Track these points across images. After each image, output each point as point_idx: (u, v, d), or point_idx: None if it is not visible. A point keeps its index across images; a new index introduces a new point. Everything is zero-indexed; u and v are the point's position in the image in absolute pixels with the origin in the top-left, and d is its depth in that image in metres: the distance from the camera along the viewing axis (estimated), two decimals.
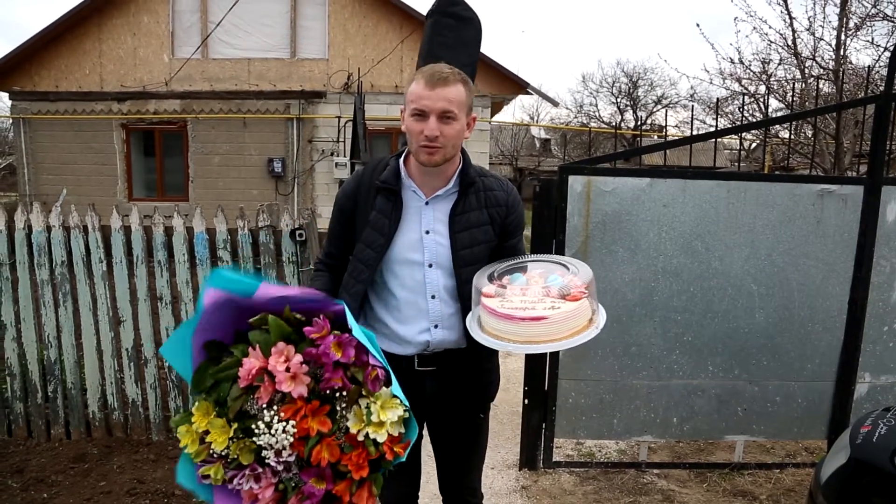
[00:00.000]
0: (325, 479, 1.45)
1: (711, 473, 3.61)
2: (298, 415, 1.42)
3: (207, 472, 1.49)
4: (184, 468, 1.57)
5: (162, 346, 1.51)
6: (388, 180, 1.86)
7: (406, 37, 11.51)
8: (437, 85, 1.73)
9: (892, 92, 3.38)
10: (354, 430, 1.44)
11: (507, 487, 3.43)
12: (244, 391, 1.45)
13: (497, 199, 1.92)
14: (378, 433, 1.43)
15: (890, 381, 3.60)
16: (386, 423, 1.44)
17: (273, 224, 3.51)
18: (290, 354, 1.44)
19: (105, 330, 3.65)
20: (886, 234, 3.43)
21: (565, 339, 1.55)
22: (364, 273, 1.88)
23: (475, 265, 1.86)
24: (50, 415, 3.74)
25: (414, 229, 1.87)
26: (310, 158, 11.92)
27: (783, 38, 7.98)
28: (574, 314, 1.56)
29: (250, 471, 1.47)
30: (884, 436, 2.11)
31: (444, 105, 1.73)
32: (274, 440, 1.41)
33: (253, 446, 1.45)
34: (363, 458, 1.44)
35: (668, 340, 3.47)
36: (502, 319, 1.55)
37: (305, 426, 1.41)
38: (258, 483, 1.47)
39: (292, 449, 1.43)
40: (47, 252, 3.58)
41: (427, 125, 1.73)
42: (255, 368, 1.44)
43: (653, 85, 27.66)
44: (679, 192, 3.37)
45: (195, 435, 1.49)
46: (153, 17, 11.75)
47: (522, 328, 1.53)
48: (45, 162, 11.82)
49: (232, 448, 1.46)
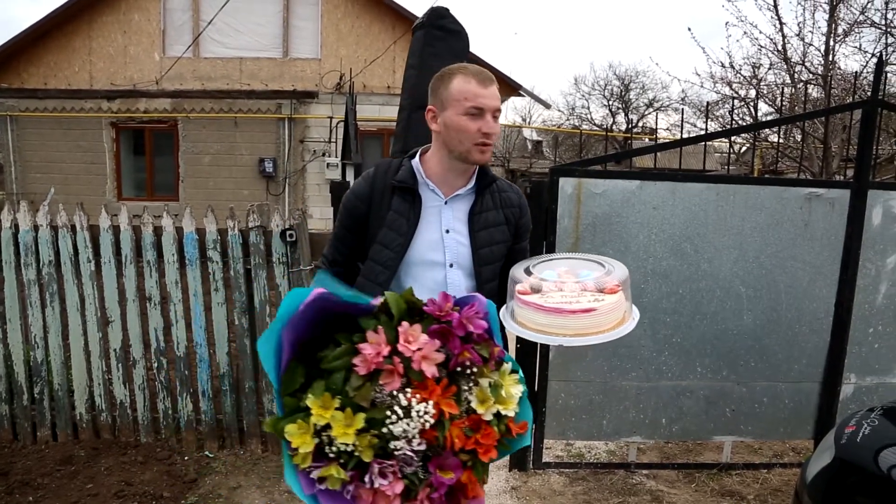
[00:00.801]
0: (450, 468, 1.36)
1: (700, 474, 3.63)
2: (433, 395, 1.33)
3: (328, 472, 1.31)
4: (290, 476, 1.37)
5: (259, 340, 1.37)
6: (406, 180, 1.85)
7: (399, 37, 11.51)
8: (489, 84, 1.77)
9: (878, 97, 3.42)
10: (480, 409, 1.39)
11: (498, 488, 3.43)
12: (366, 378, 1.33)
13: (511, 200, 1.95)
14: (507, 408, 1.41)
15: (875, 382, 3.63)
16: (513, 398, 1.42)
17: (263, 224, 3.50)
18: (417, 334, 1.36)
19: (93, 330, 3.62)
20: (872, 237, 3.47)
21: (608, 330, 1.58)
22: (382, 275, 1.84)
23: (494, 264, 1.87)
24: (36, 416, 3.71)
25: (433, 229, 1.85)
26: (301, 159, 11.89)
27: (773, 44, 8.05)
28: (615, 306, 1.59)
29: (377, 464, 1.31)
30: (868, 436, 2.13)
31: (497, 103, 1.78)
32: (412, 426, 1.30)
33: (375, 441, 1.31)
34: (492, 437, 1.38)
35: (658, 342, 3.48)
36: (550, 314, 1.56)
37: (438, 408, 1.33)
38: (385, 479, 1.32)
39: (422, 437, 1.32)
40: (34, 252, 3.56)
41: (486, 122, 1.75)
42: (385, 351, 1.33)
43: (644, 88, 27.78)
44: (669, 195, 3.39)
45: (311, 430, 1.31)
46: (144, 15, 11.70)
47: (571, 321, 1.55)
48: (33, 160, 11.74)
49: (359, 442, 1.30)
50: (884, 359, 3.62)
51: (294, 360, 1.39)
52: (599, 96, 29.02)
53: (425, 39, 3.37)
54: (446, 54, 3.22)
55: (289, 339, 1.37)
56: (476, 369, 1.40)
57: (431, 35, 3.36)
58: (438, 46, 3.33)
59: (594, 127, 26.91)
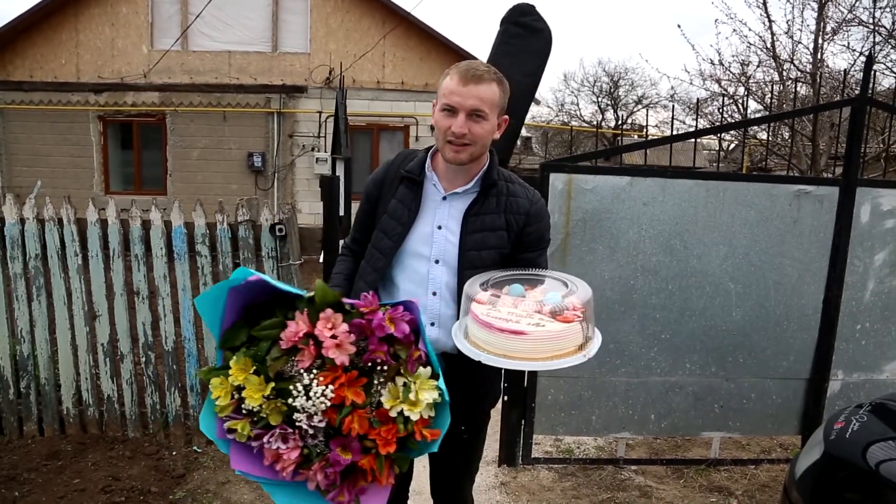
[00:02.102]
0: (350, 451, 1.47)
1: (688, 469, 3.65)
2: (337, 382, 1.44)
3: (235, 426, 1.50)
4: (206, 419, 1.59)
5: (197, 297, 1.55)
6: (413, 170, 1.85)
7: (388, 32, 11.46)
8: (470, 82, 1.70)
9: (867, 95, 3.44)
10: (388, 405, 1.46)
11: (487, 484, 3.43)
12: (285, 353, 1.48)
13: (519, 206, 1.85)
14: (412, 411, 1.45)
15: (862, 378, 3.66)
16: (421, 402, 1.46)
17: (253, 219, 3.48)
18: (338, 323, 1.46)
19: (80, 325, 3.59)
20: (860, 234, 3.49)
21: (544, 360, 1.47)
22: (381, 261, 1.86)
23: (482, 268, 1.79)
24: (22, 411, 3.68)
25: (428, 223, 1.85)
26: (290, 153, 11.83)
27: (762, 41, 8.10)
28: (559, 336, 1.48)
29: (280, 430, 1.48)
30: (856, 432, 2.14)
31: (475, 103, 1.71)
32: (310, 403, 1.44)
33: (284, 408, 1.46)
34: (392, 433, 1.46)
35: (647, 338, 3.49)
36: (482, 327, 1.50)
37: (341, 394, 1.44)
38: (285, 444, 1.48)
39: (324, 416, 1.45)
40: (21, 245, 3.52)
41: (455, 122, 1.71)
42: (302, 332, 1.46)
43: (634, 85, 27.81)
44: (659, 191, 3.40)
45: (230, 388, 1.50)
46: (132, 8, 11.58)
47: (500, 340, 1.47)
48: (19, 153, 11.60)
49: (265, 406, 1.47)
50: (871, 355, 3.65)
51: (242, 320, 1.56)
52: (589, 93, 29.04)
53: (502, 37, 3.21)
54: (523, 54, 3.10)
55: (237, 301, 1.55)
56: (387, 367, 1.48)
57: (509, 32, 3.18)
58: (514, 45, 3.15)
59: (584, 123, 26.96)
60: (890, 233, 3.53)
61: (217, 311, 1.56)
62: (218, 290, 1.54)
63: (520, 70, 3.06)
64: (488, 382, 2.00)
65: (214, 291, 1.54)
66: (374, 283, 1.87)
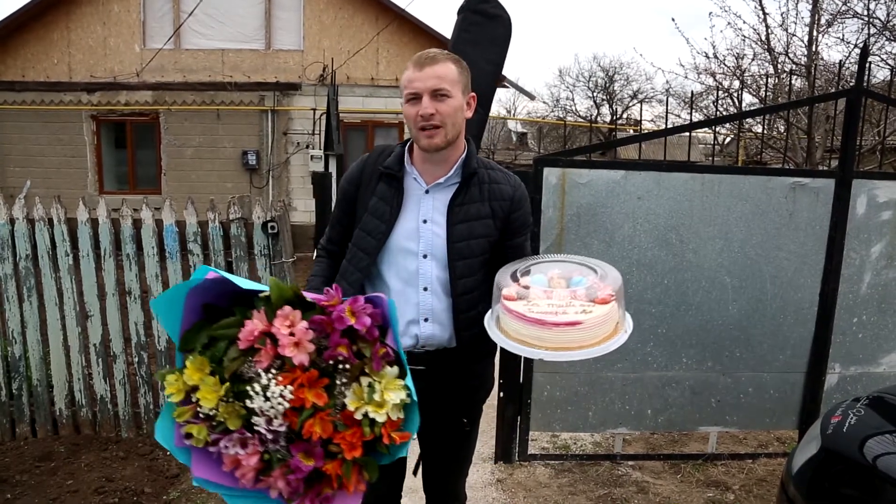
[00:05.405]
0: (314, 456, 1.37)
1: (685, 464, 3.64)
2: (296, 383, 1.35)
3: (191, 430, 1.42)
4: (163, 427, 1.50)
5: (153, 299, 1.47)
6: (392, 166, 1.83)
7: (382, 29, 11.41)
8: (426, 65, 1.71)
9: (862, 87, 3.42)
10: (352, 407, 1.37)
11: (483, 480, 3.42)
12: (242, 353, 1.40)
13: (502, 192, 1.85)
14: (378, 413, 1.36)
15: (859, 371, 3.65)
16: (387, 403, 1.37)
17: (244, 216, 3.45)
18: (296, 320, 1.38)
19: (72, 325, 3.56)
20: (856, 226, 3.48)
21: (596, 345, 1.47)
22: (364, 261, 1.83)
23: (471, 259, 1.80)
24: (15, 413, 3.65)
25: (412, 218, 1.83)
26: (285, 151, 11.79)
27: (757, 34, 8.08)
28: (606, 318, 1.48)
29: (238, 435, 1.39)
30: (853, 426, 2.13)
31: (435, 82, 1.70)
32: (268, 405, 1.35)
33: (242, 411, 1.38)
34: (357, 437, 1.37)
35: (643, 332, 3.47)
36: (532, 324, 1.46)
37: (301, 396, 1.35)
38: (244, 449, 1.40)
39: (284, 419, 1.36)
40: (11, 245, 3.48)
41: (421, 106, 1.71)
42: (258, 330, 1.38)
43: (629, 79, 27.79)
44: (654, 185, 3.38)
45: (184, 387, 1.41)
46: (124, 6, 11.51)
47: (554, 334, 1.44)
48: (12, 154, 11.54)
49: (221, 409, 1.38)
50: (868, 348, 3.64)
51: (204, 320, 1.48)
52: (584, 88, 29.04)
53: (461, 25, 3.18)
54: (483, 41, 3.07)
55: (196, 302, 1.48)
56: (350, 366, 1.39)
57: (469, 20, 3.16)
58: (475, 32, 3.13)
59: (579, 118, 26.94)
60: (886, 225, 3.51)
61: (176, 313, 1.49)
62: (175, 292, 1.47)
63: (484, 58, 3.05)
64: (483, 374, 2.01)
65: (172, 293, 1.47)
66: (357, 283, 1.84)
